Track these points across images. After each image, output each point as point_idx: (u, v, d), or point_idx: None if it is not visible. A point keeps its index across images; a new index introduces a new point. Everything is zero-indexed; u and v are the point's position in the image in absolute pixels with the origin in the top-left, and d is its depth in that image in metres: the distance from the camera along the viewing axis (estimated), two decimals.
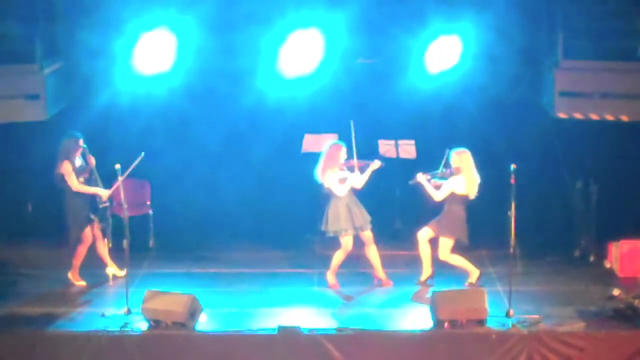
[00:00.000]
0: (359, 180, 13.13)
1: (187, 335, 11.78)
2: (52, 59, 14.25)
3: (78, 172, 13.21)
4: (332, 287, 13.27)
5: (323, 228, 13.22)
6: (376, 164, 13.18)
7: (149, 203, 14.95)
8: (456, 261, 13.11)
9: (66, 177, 13.13)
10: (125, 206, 12.54)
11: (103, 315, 12.21)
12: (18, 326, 11.98)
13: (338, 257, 13.26)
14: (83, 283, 13.43)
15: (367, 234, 13.20)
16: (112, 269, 13.43)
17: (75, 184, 13.16)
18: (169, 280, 13.34)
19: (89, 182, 13.28)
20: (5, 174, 15.08)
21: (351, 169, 13.17)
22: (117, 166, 12.49)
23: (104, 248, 13.43)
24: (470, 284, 13.08)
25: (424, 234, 13.18)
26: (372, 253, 13.27)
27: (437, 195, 13.03)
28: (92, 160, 13.26)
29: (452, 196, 13.00)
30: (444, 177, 13.07)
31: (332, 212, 13.12)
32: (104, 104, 14.55)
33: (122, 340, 11.75)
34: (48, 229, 14.84)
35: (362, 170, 13.15)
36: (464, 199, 13.02)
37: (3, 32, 13.80)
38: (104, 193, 13.19)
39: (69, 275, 13.43)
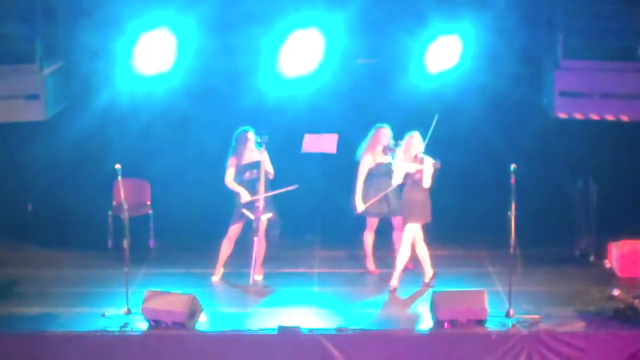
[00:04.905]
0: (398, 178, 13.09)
1: (187, 335, 11.79)
2: (52, 59, 14.25)
3: (246, 167, 13.26)
4: (372, 273, 13.53)
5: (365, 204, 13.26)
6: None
7: (149, 203, 14.93)
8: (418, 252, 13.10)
9: (226, 171, 13.27)
10: (125, 206, 12.52)
11: (103, 315, 12.20)
12: (18, 326, 11.98)
13: (369, 240, 13.46)
14: (219, 274, 13.52)
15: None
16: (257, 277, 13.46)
17: (227, 178, 13.26)
18: (169, 280, 13.35)
19: (255, 179, 13.26)
20: (5, 174, 15.07)
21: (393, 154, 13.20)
22: (117, 166, 12.44)
23: (260, 251, 13.39)
24: (425, 284, 13.07)
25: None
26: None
27: (395, 179, 13.00)
28: (264, 155, 13.27)
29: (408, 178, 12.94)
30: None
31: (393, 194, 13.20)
32: (104, 104, 14.55)
33: (122, 340, 11.75)
34: (48, 229, 14.84)
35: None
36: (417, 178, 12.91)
37: (3, 32, 13.80)
38: (244, 196, 13.23)
39: (216, 270, 13.49)
